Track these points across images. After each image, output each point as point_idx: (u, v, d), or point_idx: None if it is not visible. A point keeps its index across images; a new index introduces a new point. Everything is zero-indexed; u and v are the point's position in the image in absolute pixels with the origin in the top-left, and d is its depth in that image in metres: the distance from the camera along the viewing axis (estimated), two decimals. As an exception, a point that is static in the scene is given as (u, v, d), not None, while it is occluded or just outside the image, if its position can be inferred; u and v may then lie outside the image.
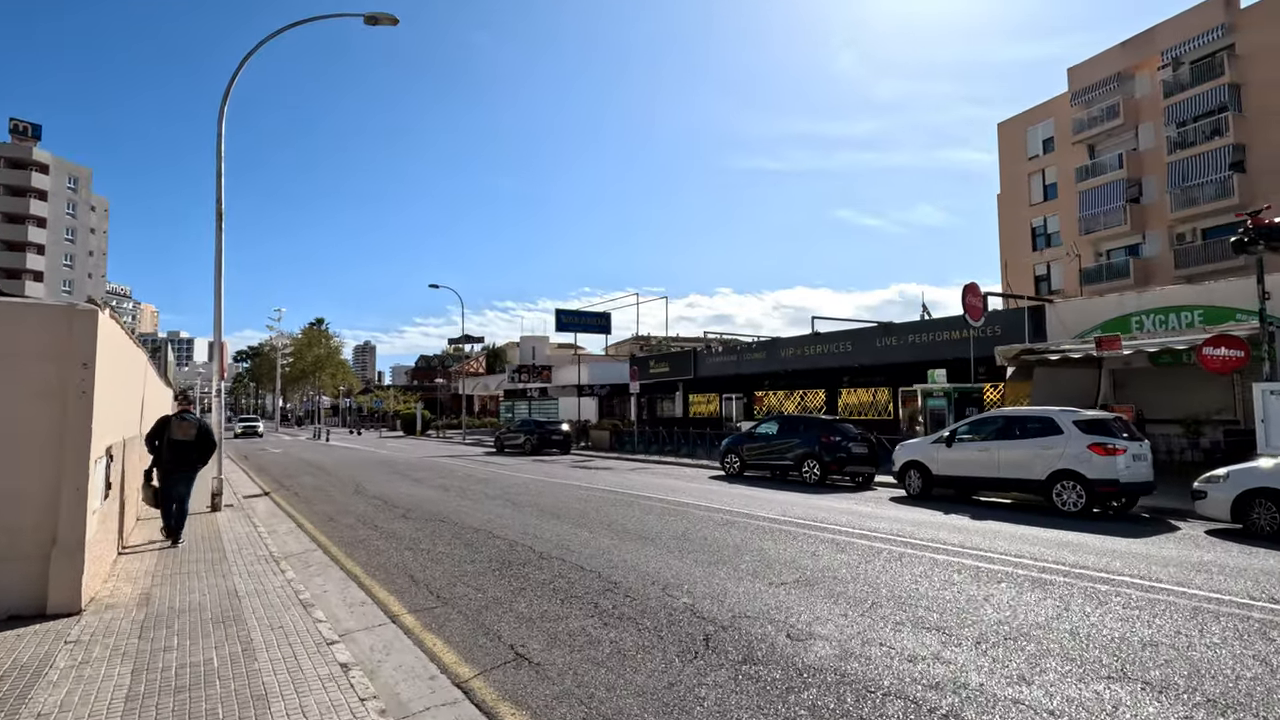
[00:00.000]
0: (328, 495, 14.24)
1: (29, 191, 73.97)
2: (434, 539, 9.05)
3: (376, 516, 11.17)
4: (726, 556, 7.70)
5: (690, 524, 9.93)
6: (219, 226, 11.65)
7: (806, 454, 15.76)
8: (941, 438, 12.85)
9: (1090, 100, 40.30)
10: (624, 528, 9.62)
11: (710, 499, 12.84)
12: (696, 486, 15.22)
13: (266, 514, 11.85)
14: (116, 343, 6.87)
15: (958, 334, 21.86)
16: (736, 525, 9.83)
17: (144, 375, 10.48)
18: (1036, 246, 44.14)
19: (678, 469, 20.37)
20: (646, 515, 10.78)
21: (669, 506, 11.79)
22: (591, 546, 8.32)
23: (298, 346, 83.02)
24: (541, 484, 15.77)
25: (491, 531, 9.50)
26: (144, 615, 5.40)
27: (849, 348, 25.32)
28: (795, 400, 31.39)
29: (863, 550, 8.05)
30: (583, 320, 35.88)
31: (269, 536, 9.29)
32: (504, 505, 12.17)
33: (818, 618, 5.41)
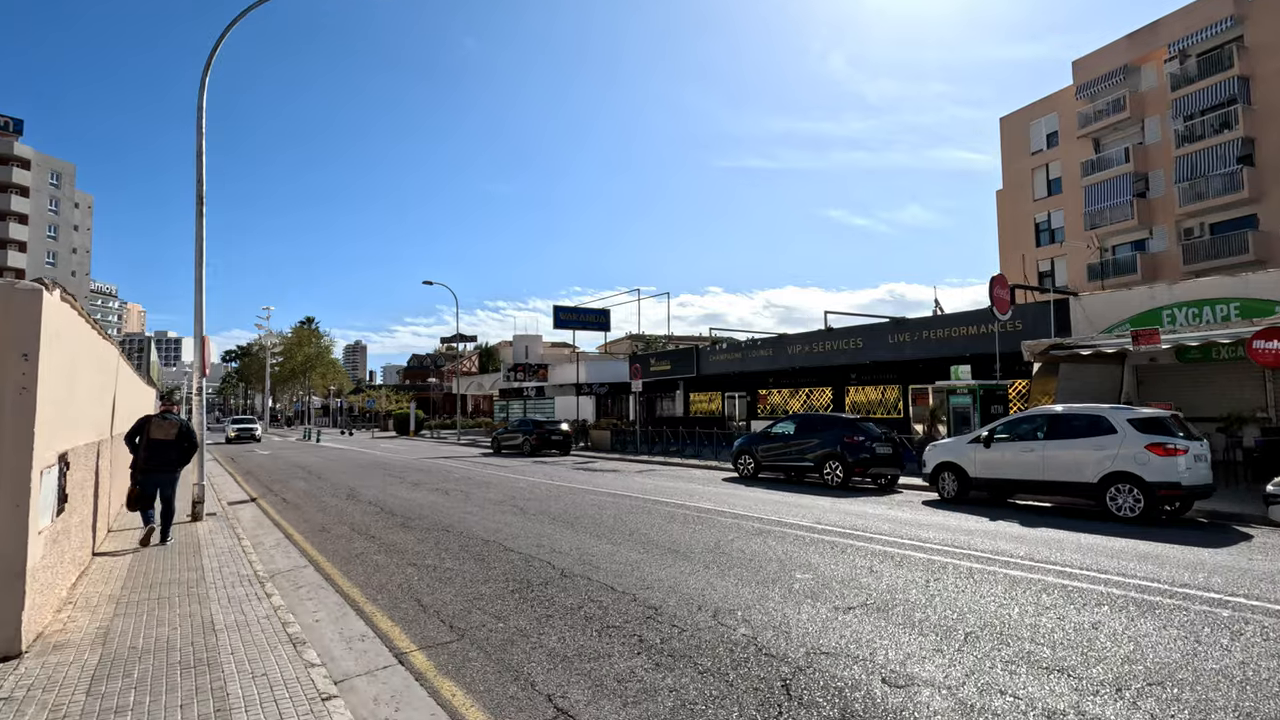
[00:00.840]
0: (319, 501, 13.26)
1: (10, 187, 72.21)
2: (439, 552, 8.12)
3: (373, 525, 10.22)
4: (774, 574, 6.82)
5: (720, 533, 9.05)
6: (199, 210, 10.66)
7: (828, 455, 14.92)
8: (979, 438, 12.03)
9: (1095, 94, 39.70)
10: (649, 538, 8.73)
11: (732, 504, 11.97)
12: (712, 490, 14.34)
13: (253, 523, 10.88)
14: (74, 332, 5.91)
15: (975, 329, 21.12)
16: (772, 535, 8.95)
17: (115, 371, 9.49)
18: (1040, 242, 43.56)
19: (686, 470, 19.50)
20: (669, 524, 9.89)
21: (691, 513, 10.91)
22: (618, 561, 7.42)
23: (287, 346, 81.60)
24: (547, 488, 14.86)
25: (503, 543, 8.58)
26: (98, 659, 4.46)
27: (859, 344, 24.53)
28: (800, 399, 30.61)
29: (924, 565, 7.19)
30: (581, 317, 34.93)
31: (254, 551, 8.33)
32: (511, 512, 11.25)
33: (910, 655, 4.54)
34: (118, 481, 10.84)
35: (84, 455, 6.72)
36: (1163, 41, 36.14)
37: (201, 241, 10.61)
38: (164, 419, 8.53)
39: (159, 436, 8.35)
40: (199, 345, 10.48)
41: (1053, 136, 42.98)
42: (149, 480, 8.30)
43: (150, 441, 8.31)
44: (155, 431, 8.37)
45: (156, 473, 8.32)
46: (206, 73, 10.84)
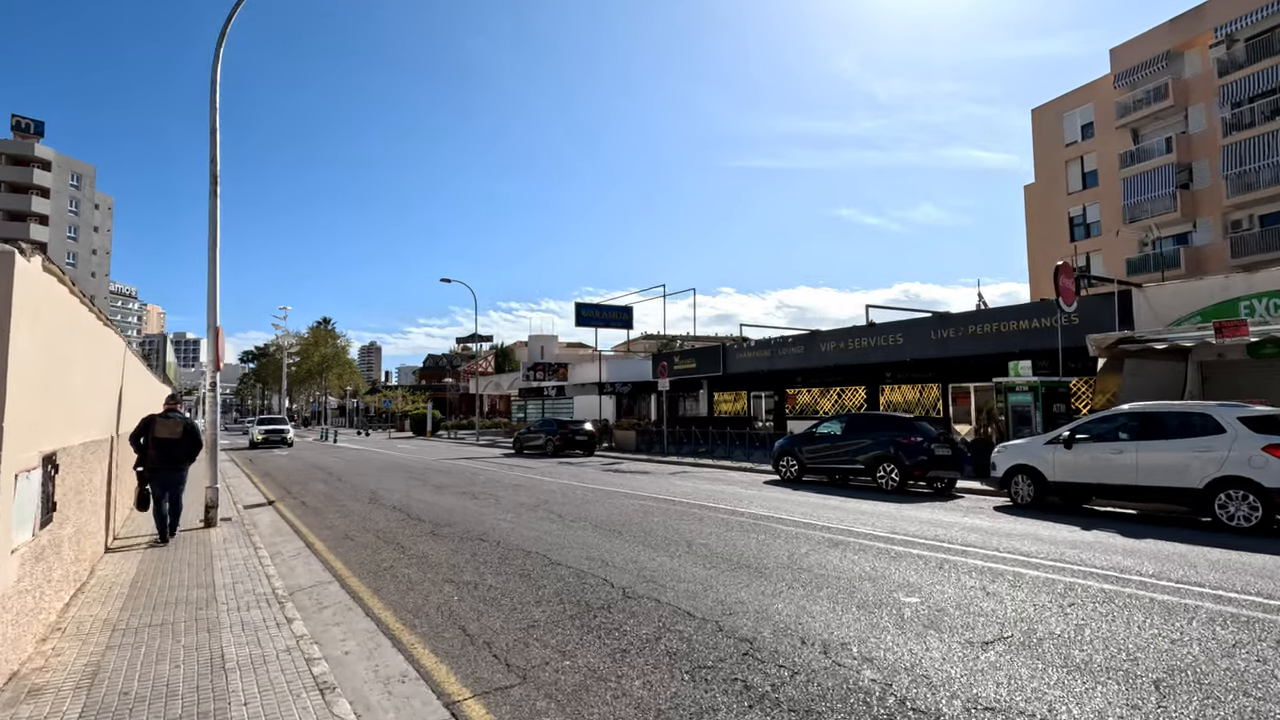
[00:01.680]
0: (340, 505, 12.43)
1: (31, 189, 72.66)
2: (478, 566, 7.22)
3: (400, 533, 9.35)
4: (873, 596, 5.84)
5: (789, 544, 8.07)
6: (213, 190, 9.86)
7: (881, 457, 13.88)
8: (1058, 438, 10.95)
9: (1135, 82, 38.25)
10: (711, 550, 7.77)
11: (787, 510, 10.98)
12: (757, 494, 13.36)
13: (270, 530, 10.04)
14: (63, 312, 5.07)
15: (1027, 323, 19.97)
16: (849, 547, 7.96)
17: (121, 363, 8.68)
18: (1075, 237, 42.13)
19: (721, 472, 18.51)
20: (727, 532, 8.93)
21: (747, 520, 9.93)
22: (684, 579, 6.47)
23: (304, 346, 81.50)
24: (580, 491, 13.94)
25: (547, 555, 7.66)
26: (80, 710, 3.58)
27: (899, 340, 23.41)
28: (832, 398, 29.53)
29: (1046, 586, 6.18)
30: (604, 315, 34.02)
31: (273, 562, 7.47)
32: (548, 518, 10.34)
33: (1100, 713, 3.55)
34: (125, 483, 10.06)
35: (80, 456, 5.88)
36: (1208, 26, 34.65)
37: (215, 224, 9.80)
38: (168, 418, 8.51)
39: (164, 435, 8.34)
40: (212, 337, 9.67)
41: (1088, 128, 41.54)
42: (157, 480, 8.35)
43: (156, 441, 8.30)
44: (160, 430, 8.35)
45: (164, 472, 8.35)
46: (221, 43, 10.04)
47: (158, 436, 8.30)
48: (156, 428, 8.34)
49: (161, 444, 8.30)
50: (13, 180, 71.77)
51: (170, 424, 8.44)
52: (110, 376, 7.90)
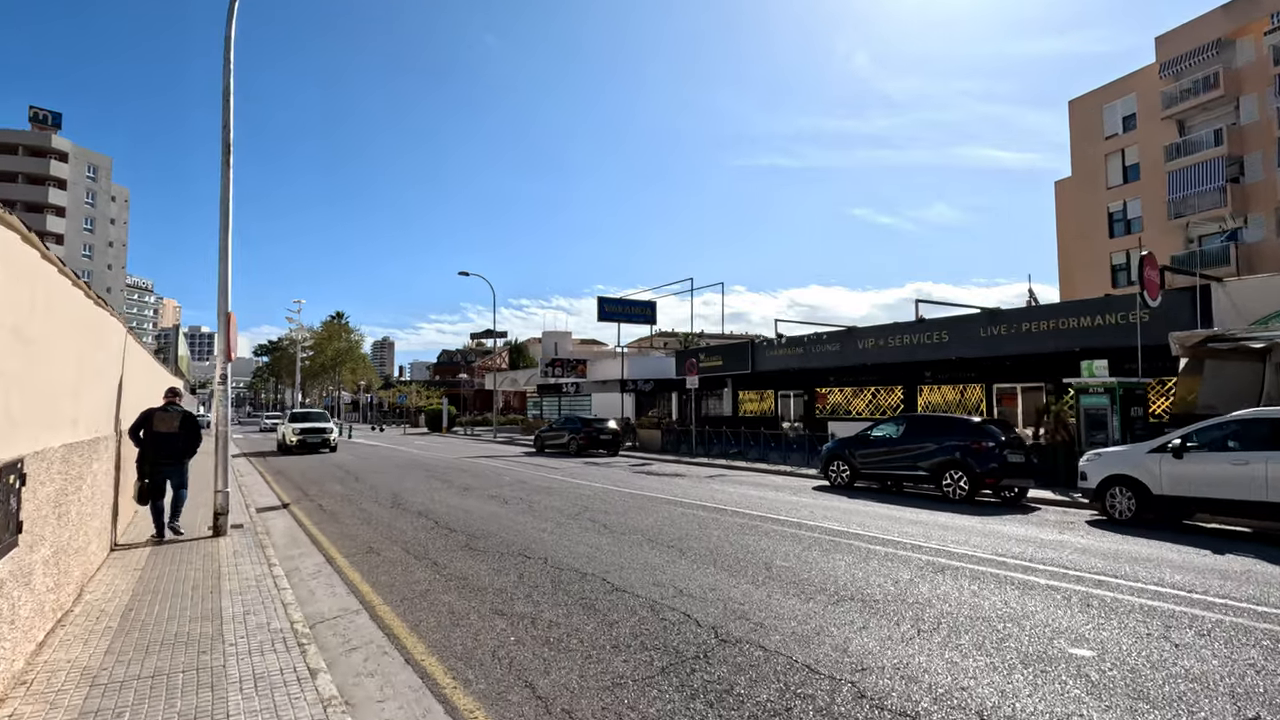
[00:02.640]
0: (361, 510, 11.42)
1: (48, 180, 72.58)
2: (529, 592, 6.14)
3: (431, 545, 8.30)
4: (1032, 646, 4.70)
5: (887, 569, 6.93)
6: (226, 162, 8.83)
7: (948, 463, 12.69)
8: (1165, 446, 9.73)
9: (1181, 71, 36.61)
10: (797, 575, 6.66)
11: (858, 523, 9.83)
12: (812, 502, 12.22)
13: (286, 540, 9.03)
14: (33, 283, 4.03)
15: (1090, 320, 18.67)
16: (957, 573, 6.81)
17: (120, 352, 7.68)
18: (1114, 233, 40.51)
19: (760, 476, 17.37)
20: (805, 551, 7.80)
21: (820, 536, 8.80)
22: (783, 616, 5.36)
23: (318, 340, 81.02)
24: (618, 497, 12.85)
25: (606, 578, 6.57)
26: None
27: (944, 338, 22.14)
28: (866, 398, 28.31)
29: (1245, 637, 5.01)
30: (627, 310, 32.92)
31: (289, 583, 6.43)
32: (594, 529, 9.26)
33: None
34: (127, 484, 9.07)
35: (62, 461, 4.85)
36: (1265, 11, 33.01)
37: (228, 197, 8.77)
38: (166, 411, 8.37)
39: (162, 429, 8.21)
40: (223, 323, 8.65)
41: (1130, 119, 39.89)
42: (157, 474, 8.22)
43: (154, 435, 8.16)
44: (159, 424, 8.21)
45: (164, 465, 8.24)
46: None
47: (156, 430, 8.18)
48: (155, 421, 8.21)
49: (159, 438, 8.20)
50: (30, 171, 71.74)
51: (168, 417, 8.32)
52: (108, 366, 6.89)
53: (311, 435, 25.47)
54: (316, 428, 25.80)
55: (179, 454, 8.37)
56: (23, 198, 70.25)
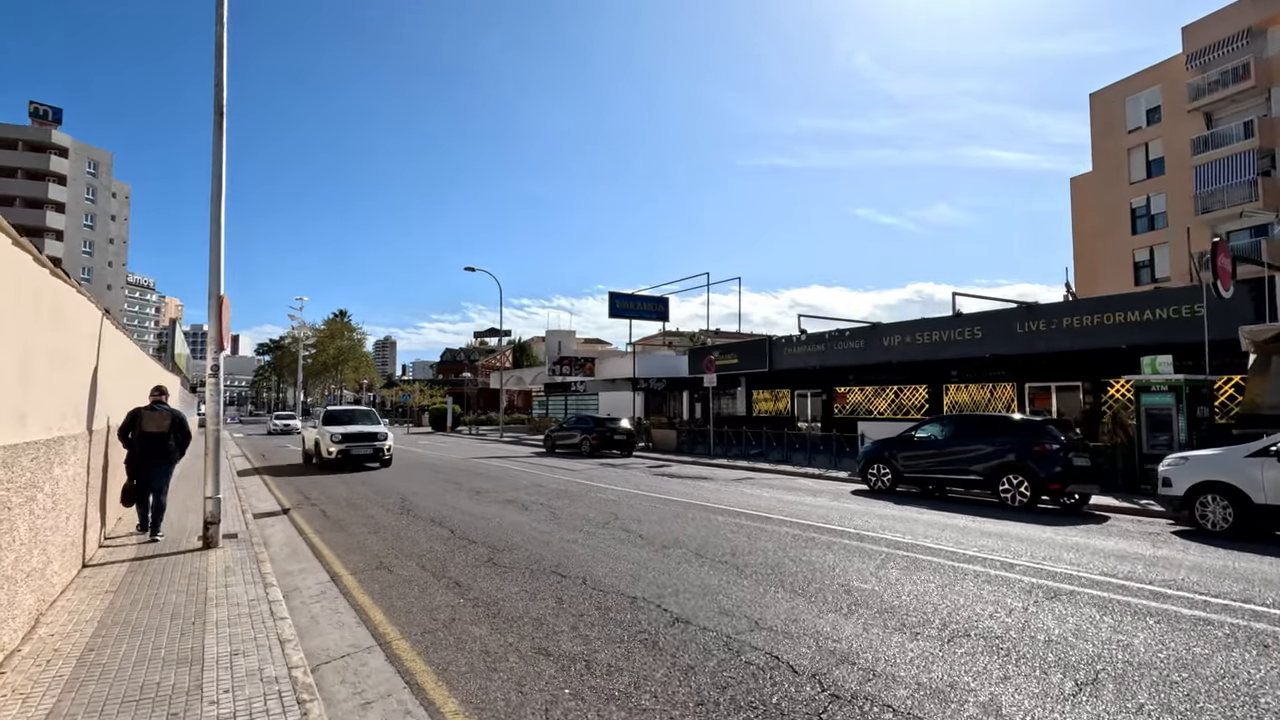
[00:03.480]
0: (367, 516, 10.41)
1: (48, 175, 71.70)
2: (575, 624, 5.12)
3: (450, 560, 7.29)
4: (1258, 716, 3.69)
5: (988, 593, 5.91)
6: (219, 125, 7.83)
7: (1006, 466, 11.66)
8: (1270, 449, 8.70)
9: (1209, 62, 35.53)
10: (885, 602, 5.64)
11: (923, 534, 8.80)
12: (858, 508, 11.20)
13: (285, 552, 8.02)
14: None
15: (1136, 314, 17.63)
16: (1078, 600, 5.77)
17: (94, 337, 6.68)
18: (1137, 230, 39.44)
19: (788, 479, 16.34)
20: (881, 569, 6.78)
21: (889, 551, 7.77)
22: (898, 660, 4.34)
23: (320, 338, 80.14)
24: (645, 502, 11.84)
25: (662, 605, 5.55)
26: None
27: (978, 334, 21.10)
28: (888, 398, 27.30)
29: None
30: (639, 306, 31.90)
31: (289, 610, 5.41)
32: (630, 541, 8.24)
33: None
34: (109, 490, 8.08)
35: (2, 467, 3.85)
36: (1299, -2, 31.97)
37: (221, 165, 7.76)
38: (154, 410, 8.05)
39: (151, 429, 7.88)
40: (215, 307, 7.64)
41: (1154, 112, 38.81)
42: (143, 475, 7.95)
43: (142, 435, 7.84)
44: (147, 424, 7.88)
45: (151, 467, 7.93)
46: (230, -59, 7.99)
47: (144, 430, 7.84)
48: (143, 421, 7.89)
49: (148, 438, 7.86)
50: (30, 167, 70.84)
51: (157, 417, 8.00)
52: (75, 352, 5.89)
53: (359, 444, 17.93)
54: (365, 433, 18.22)
55: (168, 453, 8.06)
56: (22, 193, 69.42)
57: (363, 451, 17.96)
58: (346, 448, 17.76)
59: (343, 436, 17.81)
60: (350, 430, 18.14)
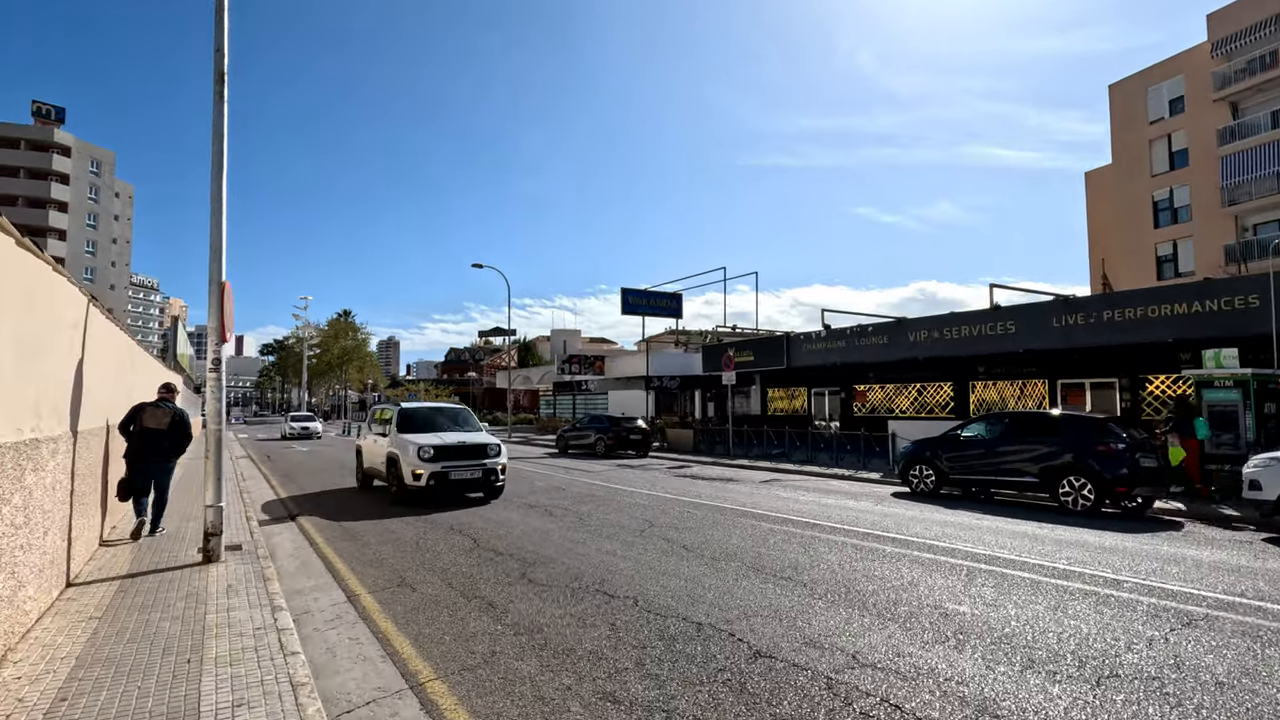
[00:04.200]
0: (379, 522, 9.63)
1: (50, 175, 71.13)
2: (639, 659, 4.33)
3: (479, 576, 6.50)
4: None
5: (1115, 619, 5.10)
6: (219, 94, 7.06)
7: (1066, 468, 10.83)
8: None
9: (1235, 50, 34.63)
10: (999, 631, 4.83)
11: (999, 544, 7.99)
12: (911, 514, 10.39)
13: (294, 565, 7.25)
14: None
15: (1184, 307, 16.77)
16: (1219, 627, 4.96)
17: (78, 325, 5.91)
18: (1159, 223, 38.52)
19: (819, 481, 15.53)
20: (973, 587, 5.96)
21: (969, 565, 6.96)
22: (1046, 713, 3.55)
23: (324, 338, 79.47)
24: (677, 506, 11.04)
25: (735, 634, 4.76)
26: None
27: (1010, 328, 20.24)
28: (910, 395, 26.44)
29: None
30: (652, 302, 31.12)
31: (299, 636, 4.63)
32: (673, 552, 7.44)
33: None
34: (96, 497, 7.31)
35: None
36: (1331, -17, 31.06)
37: (222, 138, 6.99)
38: (158, 407, 8.00)
39: (151, 425, 7.85)
40: (216, 294, 6.86)
41: (1177, 102, 37.88)
42: (141, 470, 7.88)
43: (143, 430, 7.82)
44: (148, 420, 7.86)
45: (149, 462, 7.88)
46: (231, -110, 7.21)
47: (145, 426, 7.81)
48: (145, 416, 7.86)
49: (147, 434, 7.82)
50: (33, 166, 70.29)
51: (159, 414, 7.94)
52: (51, 341, 5.12)
53: (460, 464, 11.43)
54: (467, 445, 11.69)
55: (166, 452, 7.99)
56: (25, 192, 68.91)
57: (466, 475, 11.33)
58: (444, 469, 11.13)
59: (436, 451, 11.22)
60: (446, 441, 11.54)
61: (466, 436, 12.01)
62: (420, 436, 11.70)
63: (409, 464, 11.15)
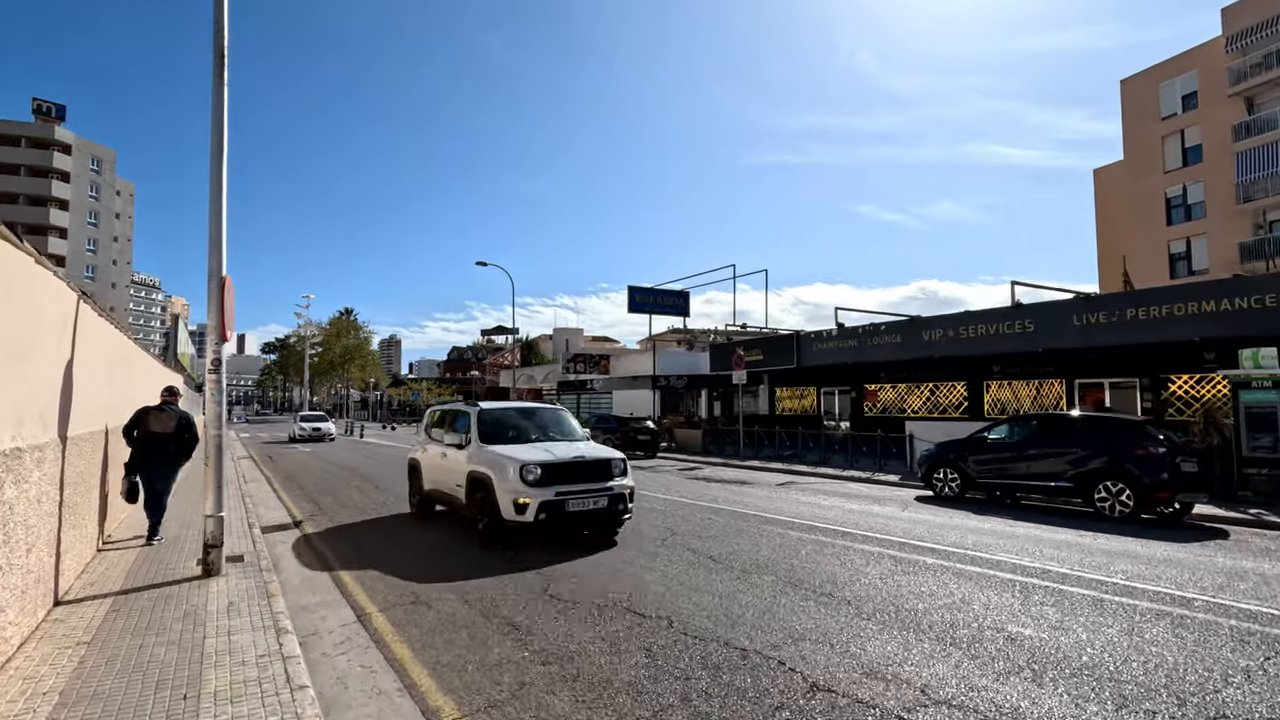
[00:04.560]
0: (391, 531, 9.20)
1: (51, 173, 70.73)
2: (685, 693, 3.89)
3: (499, 594, 6.07)
4: None
5: (1198, 645, 4.66)
6: (219, 74, 6.62)
7: (1102, 472, 10.39)
8: None
9: (1251, 44, 34.14)
10: (1068, 657, 4.39)
11: (1044, 554, 7.54)
12: (940, 520, 9.95)
13: (300, 579, 6.82)
14: None
15: (1212, 304, 16.30)
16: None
17: (67, 322, 5.47)
18: (1172, 220, 38.02)
19: (837, 484, 15.09)
20: (1032, 605, 5.52)
21: (1021, 580, 6.51)
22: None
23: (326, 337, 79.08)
24: (697, 512, 10.60)
25: (786, 662, 4.32)
26: None
27: (1029, 327, 19.78)
28: (923, 395, 26.01)
29: None
30: (659, 300, 30.65)
31: (307, 661, 4.21)
32: (699, 564, 7.01)
33: None
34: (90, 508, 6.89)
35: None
36: (1350, -24, 30.54)
37: (222, 121, 6.55)
38: (162, 410, 7.88)
39: (156, 429, 7.70)
40: (216, 289, 6.43)
41: (1190, 98, 37.37)
42: (145, 475, 7.71)
43: (148, 434, 7.67)
44: (153, 424, 7.71)
45: (154, 467, 7.72)
46: None
47: (150, 430, 7.67)
48: (150, 420, 7.72)
49: (152, 438, 7.67)
50: (33, 164, 69.90)
51: (164, 417, 7.80)
52: (32, 339, 4.69)
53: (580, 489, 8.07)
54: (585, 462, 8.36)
55: (172, 456, 7.83)
56: (25, 190, 68.54)
57: (589, 504, 8.02)
58: (559, 497, 7.85)
59: (545, 470, 7.94)
60: (557, 455, 8.25)
61: (580, 449, 8.65)
62: (517, 450, 8.39)
63: (508, 489, 7.74)
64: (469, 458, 8.76)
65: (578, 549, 7.86)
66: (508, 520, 7.80)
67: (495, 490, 7.93)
